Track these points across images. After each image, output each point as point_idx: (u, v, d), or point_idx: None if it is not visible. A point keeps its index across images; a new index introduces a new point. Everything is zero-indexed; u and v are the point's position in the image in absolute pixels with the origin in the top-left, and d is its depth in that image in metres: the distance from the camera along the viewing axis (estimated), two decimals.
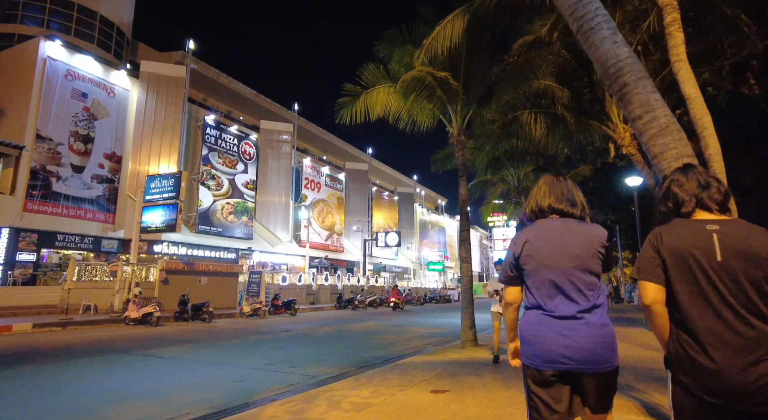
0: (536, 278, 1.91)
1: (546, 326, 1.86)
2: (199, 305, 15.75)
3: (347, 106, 8.53)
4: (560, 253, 1.88)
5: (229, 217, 31.67)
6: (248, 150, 33.92)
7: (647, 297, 1.67)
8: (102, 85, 25.02)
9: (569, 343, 1.80)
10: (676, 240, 1.64)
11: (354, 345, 10.03)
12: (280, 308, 19.90)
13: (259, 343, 10.27)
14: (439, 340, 10.76)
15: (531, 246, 1.92)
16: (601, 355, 1.79)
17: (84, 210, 23.67)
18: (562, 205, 2.00)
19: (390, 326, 14.75)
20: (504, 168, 14.37)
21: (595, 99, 10.93)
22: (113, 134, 25.53)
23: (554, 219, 1.98)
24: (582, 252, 1.87)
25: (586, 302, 1.85)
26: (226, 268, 21.42)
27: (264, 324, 15.53)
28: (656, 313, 1.67)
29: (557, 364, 1.80)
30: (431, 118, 8.77)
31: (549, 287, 1.88)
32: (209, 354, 8.55)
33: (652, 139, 3.56)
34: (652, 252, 1.68)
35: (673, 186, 1.79)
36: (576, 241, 1.89)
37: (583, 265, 1.86)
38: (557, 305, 1.86)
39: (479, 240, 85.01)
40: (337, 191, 44.20)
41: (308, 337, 11.51)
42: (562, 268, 1.86)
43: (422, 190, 63.51)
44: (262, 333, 12.51)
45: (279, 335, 11.98)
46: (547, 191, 2.05)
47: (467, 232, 8.37)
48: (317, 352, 8.84)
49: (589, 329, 1.81)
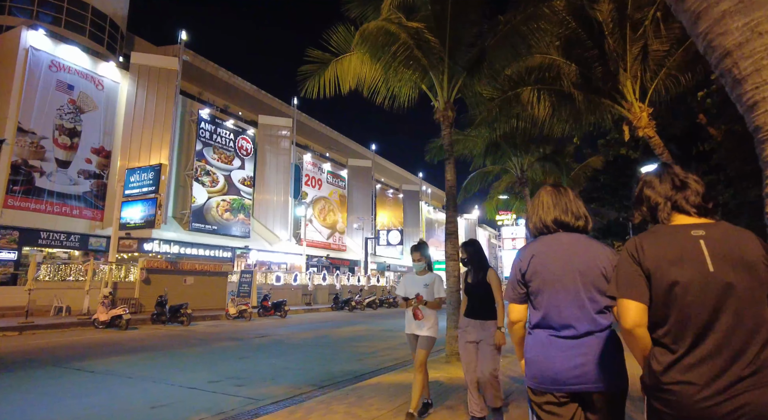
0: (542, 296, 1.84)
1: (553, 347, 1.79)
2: (177, 307, 14.62)
3: (314, 76, 7.28)
4: (568, 270, 1.80)
5: (224, 214, 30.60)
6: (245, 145, 32.82)
7: (628, 319, 1.47)
8: (89, 77, 24.07)
9: (578, 363, 1.72)
10: (658, 249, 1.46)
11: (328, 355, 8.79)
12: (269, 310, 18.74)
13: (221, 352, 9.06)
14: None
15: (538, 262, 1.85)
16: (610, 376, 1.71)
17: (70, 206, 22.72)
18: (567, 218, 1.92)
19: (381, 331, 13.48)
20: (505, 156, 12.97)
21: (607, 73, 9.56)
22: (102, 128, 24.57)
23: (560, 234, 1.92)
24: (590, 270, 1.79)
25: (595, 323, 1.76)
26: (214, 267, 20.30)
27: (246, 327, 14.36)
28: (639, 337, 1.48)
29: (565, 386, 1.74)
30: (413, 90, 7.46)
31: (556, 306, 1.80)
32: (153, 366, 7.36)
33: None
34: (633, 265, 1.49)
35: (645, 188, 1.64)
36: (584, 259, 1.81)
37: (591, 283, 1.78)
38: (565, 325, 1.78)
39: (487, 239, 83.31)
40: (339, 188, 42.99)
41: (282, 345, 10.30)
42: (570, 286, 1.79)
43: (428, 188, 62.12)
44: (235, 338, 11.32)
45: (251, 341, 10.78)
46: (550, 204, 1.96)
47: (454, 224, 7.07)
48: (281, 365, 7.61)
49: (598, 350, 1.73)
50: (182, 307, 14.58)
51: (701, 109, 14.20)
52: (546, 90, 9.41)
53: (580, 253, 1.81)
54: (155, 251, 25.52)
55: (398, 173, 54.74)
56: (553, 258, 1.83)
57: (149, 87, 26.12)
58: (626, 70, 9.23)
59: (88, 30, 26.25)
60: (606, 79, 9.60)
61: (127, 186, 18.82)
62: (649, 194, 1.61)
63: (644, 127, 9.35)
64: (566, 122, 9.79)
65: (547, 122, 9.68)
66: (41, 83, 21.76)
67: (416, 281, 4.14)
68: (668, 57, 9.21)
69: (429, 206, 61.11)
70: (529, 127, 9.99)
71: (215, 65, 31.97)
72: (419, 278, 4.16)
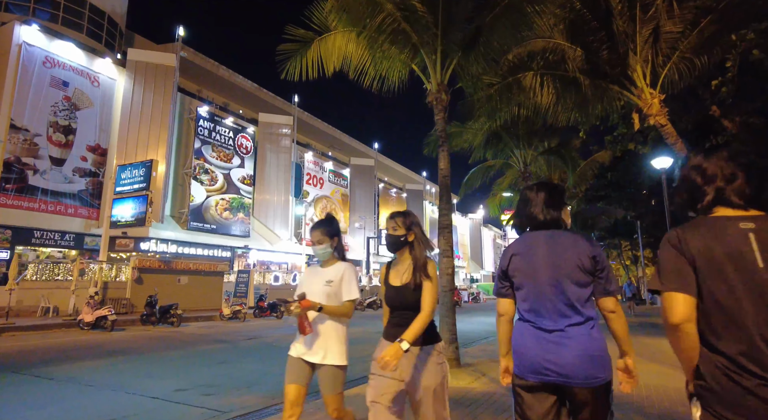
0: (524, 291, 1.91)
1: (533, 337, 1.84)
2: (166, 307, 14.11)
3: (295, 56, 6.69)
4: (546, 265, 1.85)
5: (224, 213, 30.15)
6: (245, 143, 32.36)
7: (676, 314, 1.34)
8: (85, 74, 23.67)
9: (554, 355, 1.77)
10: (703, 241, 1.35)
11: None
12: (265, 310, 18.19)
13: (202, 356, 8.51)
14: None
15: (517, 259, 1.93)
16: (588, 369, 1.73)
17: (65, 205, 22.31)
18: (546, 215, 1.94)
19: (377, 332, 12.78)
20: (507, 148, 12.29)
21: (615, 58, 8.91)
22: (98, 125, 24.16)
23: (540, 231, 1.95)
24: (568, 263, 1.83)
25: (574, 315, 1.80)
26: (209, 266, 19.79)
27: (238, 329, 13.81)
28: (686, 334, 1.36)
29: (542, 376, 1.78)
30: (403, 70, 6.83)
31: (536, 300, 1.86)
32: (121, 372, 6.81)
33: None
34: (678, 255, 1.37)
35: (692, 173, 1.50)
36: (562, 253, 1.84)
37: (569, 276, 1.81)
38: (544, 317, 1.83)
39: (493, 239, 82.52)
40: (341, 187, 42.46)
41: (270, 348, 9.73)
42: (548, 280, 1.84)
43: (432, 188, 61.37)
44: (222, 341, 10.77)
45: (238, 344, 10.22)
46: (530, 202, 2.00)
47: (448, 217, 6.47)
48: (262, 370, 7.04)
49: (576, 342, 1.76)
50: (172, 308, 14.06)
51: (714, 100, 13.51)
52: (549, 75, 8.78)
53: (557, 247, 1.86)
54: (152, 251, 25.08)
55: (402, 172, 54.12)
56: (532, 255, 1.89)
57: (146, 84, 25.68)
58: (636, 53, 8.59)
59: (85, 27, 25.85)
60: (614, 64, 8.95)
61: (118, 183, 18.35)
62: (696, 180, 1.48)
63: (656, 115, 8.70)
64: (571, 111, 9.15)
65: (551, 110, 9.04)
66: (35, 79, 21.37)
67: (317, 276, 2.78)
68: (682, 39, 8.54)
69: (433, 206, 60.43)
70: (531, 115, 9.34)
71: (214, 62, 31.48)
72: (322, 271, 2.81)
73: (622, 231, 39.10)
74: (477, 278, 70.34)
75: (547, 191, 1.99)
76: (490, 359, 7.05)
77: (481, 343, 10.22)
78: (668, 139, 8.67)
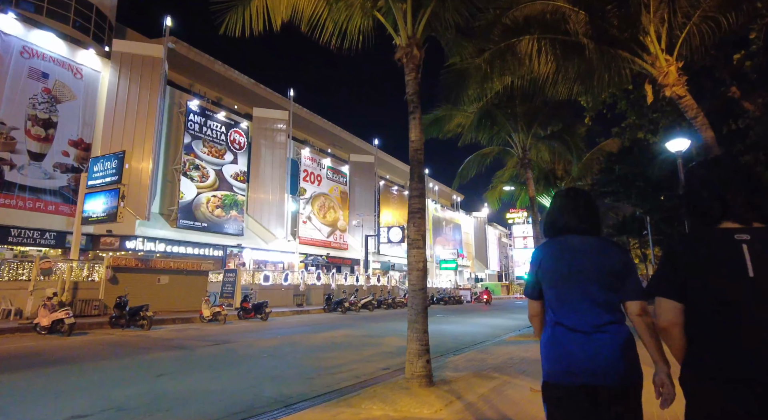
0: (554, 295, 1.94)
1: (564, 341, 1.85)
2: (137, 308, 13.01)
3: (236, 6, 5.53)
4: (575, 270, 1.89)
5: (215, 211, 29.09)
6: (238, 139, 31.29)
7: (664, 318, 1.55)
8: (67, 65, 22.68)
9: (588, 357, 1.78)
10: (696, 253, 1.50)
11: (278, 370, 7.05)
12: (249, 312, 17.06)
13: (141, 367, 7.37)
14: (401, 364, 7.70)
15: (548, 264, 1.97)
16: (622, 369, 1.74)
17: (44, 202, 21.33)
18: (578, 222, 2.00)
19: (361, 337, 11.70)
20: (503, 131, 11.00)
21: (625, 19, 7.68)
22: (81, 119, 23.16)
23: (570, 237, 1.99)
24: (597, 269, 1.86)
25: (605, 318, 1.82)
26: (192, 265, 18.70)
27: (214, 332, 12.69)
28: (673, 337, 1.55)
29: (576, 378, 1.78)
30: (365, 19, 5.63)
31: (566, 304, 1.89)
32: (27, 390, 5.67)
33: None
34: (670, 265, 1.55)
35: (699, 186, 1.58)
36: (592, 259, 1.88)
37: (600, 281, 1.84)
38: (575, 321, 1.85)
39: (498, 238, 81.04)
40: (340, 185, 41.31)
41: (232, 355, 8.58)
42: (579, 284, 1.87)
43: (435, 185, 60.09)
44: (180, 347, 9.64)
45: (197, 351, 9.07)
46: (563, 207, 2.05)
47: (420, 201, 5.26)
48: (201, 387, 5.88)
49: (609, 344, 1.78)
50: (142, 309, 12.96)
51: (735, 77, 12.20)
52: (548, 40, 7.56)
53: (588, 253, 1.90)
54: (138, 249, 24.08)
55: (404, 170, 52.80)
56: (563, 260, 1.93)
57: (132, 76, 24.66)
58: (650, 12, 7.35)
59: (71, 19, 24.82)
60: (623, 26, 7.72)
61: (90, 176, 17.29)
62: (702, 193, 1.56)
63: (672, 85, 7.46)
64: (574, 82, 7.91)
65: (550, 80, 7.82)
66: (11, 70, 20.40)
67: None
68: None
69: (436, 204, 59.14)
70: (528, 86, 8.11)
71: (207, 56, 30.43)
72: None
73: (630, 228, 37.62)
74: (482, 278, 68.98)
75: (585, 198, 2.06)
76: (476, 373, 5.84)
77: (475, 348, 9.01)
78: (688, 112, 7.42)
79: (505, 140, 11.59)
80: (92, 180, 17.05)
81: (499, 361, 6.66)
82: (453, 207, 67.69)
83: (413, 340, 4.87)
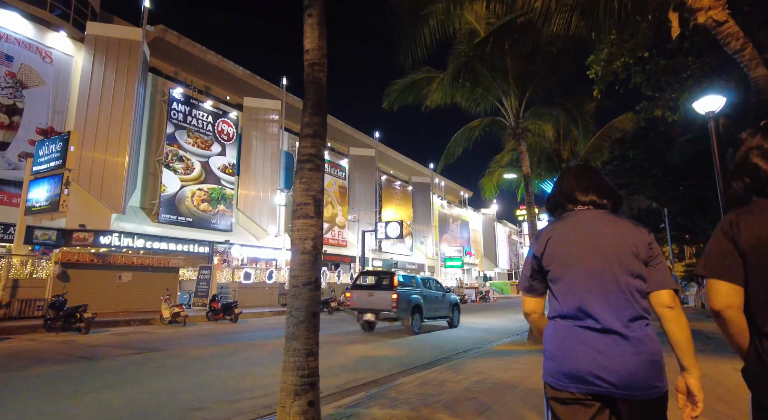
0: (563, 282, 1.56)
1: (574, 339, 1.50)
2: (73, 309, 11.35)
3: None
4: (591, 250, 1.52)
5: (201, 205, 27.49)
6: (226, 129, 29.65)
7: (717, 300, 1.33)
8: (34, 48, 21.20)
9: (604, 361, 1.43)
10: (758, 228, 1.28)
11: (161, 396, 5.24)
12: (218, 313, 15.35)
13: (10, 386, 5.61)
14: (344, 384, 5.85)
15: (556, 243, 1.58)
16: (645, 378, 1.41)
17: (8, 194, 19.89)
18: (592, 194, 1.61)
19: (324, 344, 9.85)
20: (489, 92, 8.95)
21: None
22: (50, 106, 21.68)
23: (582, 211, 1.61)
24: (619, 249, 1.50)
25: (628, 312, 1.47)
26: (158, 261, 17.02)
27: (165, 336, 10.95)
28: (730, 320, 1.32)
29: (588, 386, 1.44)
30: None
31: (579, 293, 1.52)
32: None
33: None
34: (727, 243, 1.34)
35: (752, 155, 1.38)
36: (611, 237, 1.52)
37: (623, 265, 1.49)
38: (588, 314, 1.49)
39: (508, 235, 78.56)
40: (338, 179, 39.50)
41: (133, 369, 6.79)
42: (596, 269, 1.50)
43: (441, 181, 57.98)
44: (91, 358, 7.88)
45: (101, 364, 7.30)
46: (573, 180, 1.66)
47: (315, 143, 3.35)
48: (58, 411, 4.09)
49: (630, 345, 1.43)
50: (78, 310, 11.29)
51: None
52: None
53: (606, 230, 1.55)
54: (114, 245, 22.55)
55: (407, 164, 50.87)
56: (575, 237, 1.57)
57: (108, 61, 23.07)
58: None
59: (49, 3, 23.38)
60: None
61: (36, 161, 15.67)
62: (758, 163, 1.36)
63: (708, 8, 5.48)
64: (572, 12, 5.95)
65: (539, 12, 5.87)
66: None
67: None
68: None
69: (442, 200, 57.10)
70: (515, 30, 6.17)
71: (198, 45, 28.80)
72: None
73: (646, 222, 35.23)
74: (491, 276, 66.69)
75: (598, 173, 1.69)
76: (412, 417, 3.92)
77: (446, 362, 7.09)
78: (731, 44, 5.42)
79: (495, 108, 9.60)
80: (37, 165, 15.46)
81: (460, 389, 4.76)
82: (461, 204, 65.54)
83: (289, 369, 2.94)
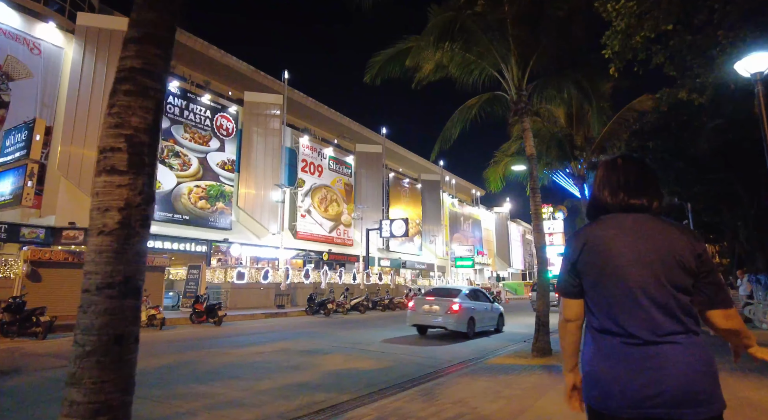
0: (600, 292, 1.43)
1: (618, 356, 1.37)
2: (29, 312, 10.34)
3: None
4: (635, 259, 1.38)
5: (199, 202, 26.55)
6: (225, 124, 28.69)
7: None
8: (21, 39, 20.43)
9: (654, 376, 1.30)
10: None
11: None
12: (201, 315, 14.27)
13: None
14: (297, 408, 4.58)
15: (592, 250, 1.45)
16: (702, 390, 1.28)
17: None
18: (631, 196, 1.47)
19: (300, 352, 8.63)
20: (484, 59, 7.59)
21: None
22: (39, 99, 20.88)
23: (622, 215, 1.47)
24: (663, 258, 1.37)
25: (673, 325, 1.34)
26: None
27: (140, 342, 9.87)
28: None
29: (641, 410, 1.30)
30: None
31: (619, 304, 1.39)
32: None
33: None
34: None
35: None
36: (655, 245, 1.39)
37: (668, 277, 1.36)
38: (631, 328, 1.36)
39: (522, 234, 76.57)
40: (344, 176, 38.33)
41: (56, 384, 5.64)
42: (638, 279, 1.37)
43: (452, 179, 56.51)
44: (16, 371, 6.79)
45: (7, 383, 6.19)
46: (609, 178, 1.52)
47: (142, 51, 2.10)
48: None
49: (681, 355, 1.31)
50: (35, 313, 10.26)
51: None
52: None
53: (649, 237, 1.41)
54: None
55: (415, 161, 49.51)
56: (613, 244, 1.43)
57: (99, 52, 22.25)
58: None
59: None
60: None
61: (2, 152, 14.76)
62: None
63: None
64: None
65: None
66: None
67: None
68: None
69: (453, 198, 55.57)
70: None
71: (200, 40, 27.96)
72: None
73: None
74: (504, 277, 64.87)
75: (639, 166, 1.52)
76: None
77: (424, 384, 5.78)
78: None
79: (494, 80, 8.26)
80: (3, 156, 14.55)
81: None
82: (473, 202, 63.94)
83: None
